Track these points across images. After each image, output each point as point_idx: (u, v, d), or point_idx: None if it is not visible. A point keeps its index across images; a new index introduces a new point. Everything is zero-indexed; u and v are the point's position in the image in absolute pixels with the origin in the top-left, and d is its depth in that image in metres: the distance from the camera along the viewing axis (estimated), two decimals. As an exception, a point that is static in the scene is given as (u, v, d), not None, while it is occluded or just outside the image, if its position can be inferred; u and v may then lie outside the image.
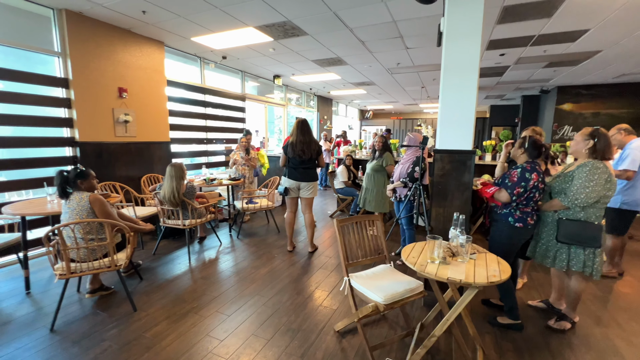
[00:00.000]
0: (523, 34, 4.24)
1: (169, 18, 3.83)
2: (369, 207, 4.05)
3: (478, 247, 1.96)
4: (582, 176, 1.99)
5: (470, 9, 2.21)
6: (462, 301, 1.63)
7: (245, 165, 4.92)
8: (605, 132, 2.06)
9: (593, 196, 1.97)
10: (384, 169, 4.01)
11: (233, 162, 4.95)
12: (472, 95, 2.27)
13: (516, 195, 2.04)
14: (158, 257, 3.56)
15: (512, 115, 11.18)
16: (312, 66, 6.29)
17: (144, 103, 4.52)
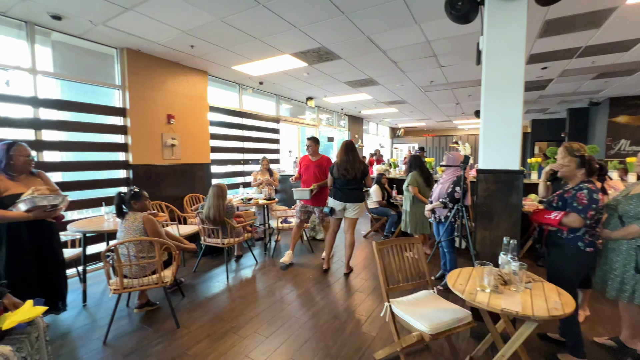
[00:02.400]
0: (568, 46, 4.04)
1: (213, 50, 4.17)
2: (409, 229, 3.94)
3: (533, 275, 1.81)
4: None
5: (511, 25, 2.17)
6: (520, 335, 1.50)
7: (270, 186, 5.13)
8: None
9: None
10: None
11: (259, 182, 5.17)
12: (517, 113, 2.18)
13: (589, 218, 1.87)
14: (198, 274, 3.69)
15: (557, 129, 10.46)
16: (344, 87, 6.43)
17: (188, 128, 4.87)
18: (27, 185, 2.20)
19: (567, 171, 2.02)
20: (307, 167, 3.93)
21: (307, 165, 3.94)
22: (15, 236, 2.14)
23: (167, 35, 3.64)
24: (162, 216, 3.50)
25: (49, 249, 2.32)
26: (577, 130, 9.03)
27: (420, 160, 4.05)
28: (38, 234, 2.24)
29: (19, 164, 2.20)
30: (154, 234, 2.51)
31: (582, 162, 1.97)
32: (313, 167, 3.86)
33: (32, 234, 2.20)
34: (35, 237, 2.22)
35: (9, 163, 2.17)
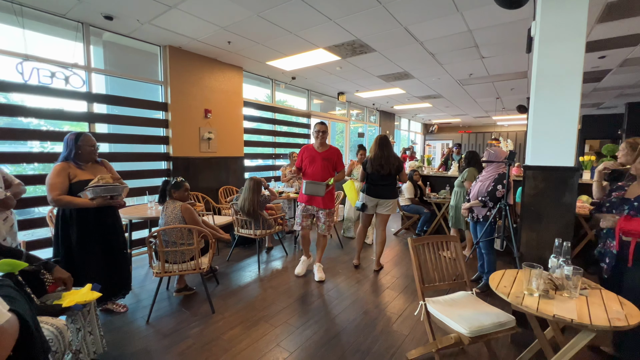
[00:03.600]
0: (632, 32, 3.62)
1: (249, 46, 4.25)
2: (463, 225, 3.82)
3: (589, 282, 1.66)
4: None
5: (570, 8, 1.98)
6: (574, 345, 1.38)
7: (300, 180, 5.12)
8: None
9: None
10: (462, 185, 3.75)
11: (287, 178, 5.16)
12: (574, 105, 1.99)
13: None
14: (231, 263, 3.82)
15: (611, 126, 9.50)
16: (376, 81, 6.29)
17: (224, 122, 5.03)
18: (93, 173, 2.38)
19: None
20: (312, 159, 3.27)
21: (312, 157, 3.28)
22: (83, 218, 2.33)
23: (206, 31, 3.77)
24: (198, 206, 3.65)
25: (112, 231, 2.50)
26: (636, 127, 8.13)
27: (478, 156, 3.86)
28: (102, 218, 2.41)
29: (86, 153, 2.37)
30: (191, 222, 2.63)
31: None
32: (320, 160, 3.24)
33: (98, 217, 2.39)
34: (100, 220, 2.40)
35: (77, 152, 2.34)
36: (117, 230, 2.54)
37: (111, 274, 2.45)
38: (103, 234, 2.41)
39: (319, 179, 3.22)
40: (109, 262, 2.45)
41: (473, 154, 3.81)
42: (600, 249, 1.93)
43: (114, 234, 2.49)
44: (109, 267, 2.45)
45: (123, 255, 2.58)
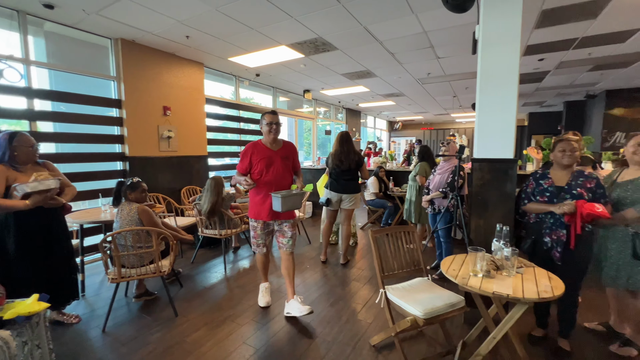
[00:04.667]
0: (564, 37, 4.04)
1: (209, 41, 4.13)
2: (414, 219, 3.96)
3: (525, 261, 1.85)
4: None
5: (507, 14, 2.17)
6: (511, 318, 1.53)
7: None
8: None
9: None
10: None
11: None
12: (512, 102, 2.19)
13: None
14: (196, 265, 3.72)
15: (553, 122, 10.49)
16: (341, 80, 6.40)
17: (185, 120, 4.84)
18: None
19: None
20: (268, 160, 2.48)
21: (267, 157, 2.48)
22: (22, 223, 2.12)
23: (161, 25, 3.60)
24: (159, 207, 3.50)
25: (56, 237, 2.30)
26: (573, 123, 9.07)
27: (430, 151, 4.06)
28: (44, 223, 2.22)
29: (23, 154, 2.15)
30: (150, 225, 2.52)
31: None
32: (280, 160, 2.52)
33: (39, 222, 2.19)
34: (42, 226, 2.21)
35: (12, 154, 2.12)
36: (61, 236, 2.36)
37: (55, 283, 2.28)
38: (46, 241, 2.24)
39: (284, 186, 2.56)
40: (53, 270, 2.28)
41: (425, 148, 4.03)
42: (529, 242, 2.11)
43: (57, 240, 2.31)
44: (53, 276, 2.27)
45: (68, 263, 2.41)
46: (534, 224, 2.10)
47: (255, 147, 2.53)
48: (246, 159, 2.51)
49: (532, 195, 2.11)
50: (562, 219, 1.93)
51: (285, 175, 2.58)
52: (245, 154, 2.52)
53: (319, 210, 3.89)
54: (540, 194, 2.06)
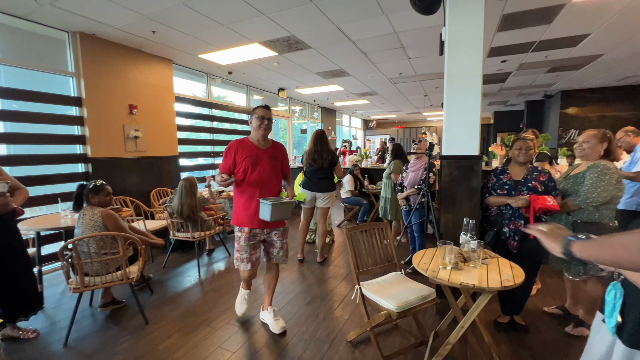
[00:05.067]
0: (524, 40, 4.29)
1: (178, 37, 3.97)
2: (390, 216, 4.02)
3: (489, 252, 1.95)
4: (594, 177, 1.99)
5: (470, 17, 2.27)
6: (477, 306, 1.61)
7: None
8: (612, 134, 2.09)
9: (604, 195, 1.97)
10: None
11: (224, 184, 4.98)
12: (476, 101, 2.30)
13: None
14: (168, 270, 3.58)
15: (517, 120, 11.15)
16: (315, 78, 6.41)
17: (153, 119, 4.64)
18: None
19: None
20: (255, 159, 2.22)
21: (253, 156, 2.22)
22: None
23: (124, 18, 3.41)
24: (126, 211, 3.33)
25: (7, 246, 2.12)
26: (533, 121, 9.68)
27: (402, 149, 4.15)
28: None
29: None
30: (116, 230, 2.40)
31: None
32: (268, 161, 2.26)
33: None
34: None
35: None
36: (13, 245, 2.18)
37: (11, 295, 2.11)
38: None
39: (272, 191, 2.26)
40: (7, 282, 2.10)
41: (398, 146, 4.14)
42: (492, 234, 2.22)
43: (7, 250, 2.14)
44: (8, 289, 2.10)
45: (24, 273, 2.23)
46: (495, 217, 2.23)
47: (241, 144, 2.26)
48: (229, 157, 2.22)
49: (492, 189, 2.25)
50: (520, 210, 2.08)
51: (273, 179, 2.28)
52: (228, 152, 2.24)
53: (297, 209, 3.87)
54: (500, 188, 2.20)
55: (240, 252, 2.23)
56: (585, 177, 2.05)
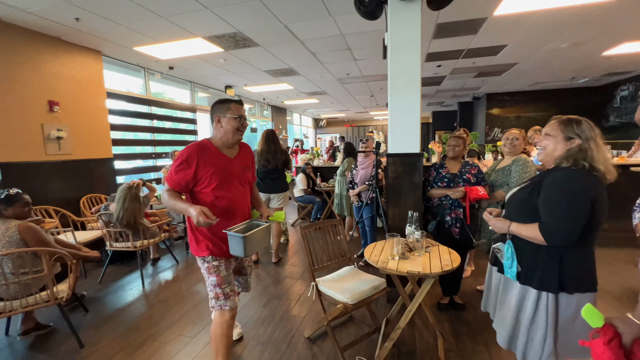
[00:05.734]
0: (455, 47, 4.75)
1: (107, 26, 3.58)
2: (346, 212, 4.12)
3: (431, 241, 2.14)
4: (519, 169, 2.32)
5: (409, 25, 2.45)
6: (422, 291, 1.76)
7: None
8: None
9: None
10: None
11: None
12: (416, 102, 2.49)
13: None
14: (105, 285, 3.24)
15: (452, 120, 12.31)
16: (264, 76, 6.30)
17: (80, 117, 4.12)
18: None
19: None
20: (223, 172, 1.66)
21: (222, 168, 1.66)
22: None
23: (38, 1, 2.97)
24: (49, 223, 2.92)
25: None
26: (465, 120, 10.77)
27: (354, 147, 4.28)
28: None
29: None
30: (37, 244, 2.10)
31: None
32: (240, 174, 1.76)
33: None
34: None
35: None
36: None
37: None
38: None
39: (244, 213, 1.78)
40: None
41: (350, 145, 4.30)
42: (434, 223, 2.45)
43: None
44: None
45: None
46: (436, 207, 2.46)
47: (203, 151, 1.63)
48: (189, 170, 1.58)
49: (434, 182, 2.48)
50: (458, 200, 2.33)
51: (247, 196, 1.82)
52: (187, 162, 1.58)
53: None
54: (440, 181, 2.45)
55: (222, 286, 1.64)
56: (511, 170, 2.37)
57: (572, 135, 1.25)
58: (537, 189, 1.29)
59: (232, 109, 1.66)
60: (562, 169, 1.25)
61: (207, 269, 1.66)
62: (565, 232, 1.18)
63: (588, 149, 1.22)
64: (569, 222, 1.18)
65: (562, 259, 1.25)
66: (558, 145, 1.27)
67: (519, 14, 3.53)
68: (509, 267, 1.35)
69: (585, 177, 1.20)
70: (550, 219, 1.22)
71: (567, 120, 1.28)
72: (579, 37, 4.34)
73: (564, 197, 1.20)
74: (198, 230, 1.66)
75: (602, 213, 1.20)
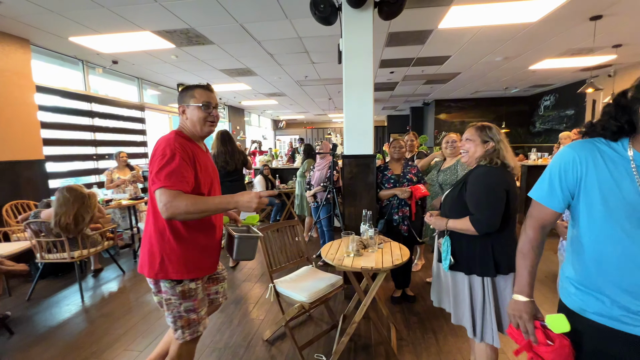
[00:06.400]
0: (405, 56, 5.06)
1: (37, 12, 3.21)
2: (306, 212, 4.14)
3: (384, 238, 2.26)
4: (465, 167, 2.53)
5: (361, 32, 2.57)
6: (375, 285, 1.86)
7: (135, 183, 4.48)
8: None
9: None
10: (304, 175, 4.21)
11: (118, 182, 4.36)
12: (369, 106, 2.62)
13: None
14: (36, 302, 2.88)
15: (405, 123, 13.04)
16: (220, 76, 6.10)
17: (2, 113, 3.62)
18: None
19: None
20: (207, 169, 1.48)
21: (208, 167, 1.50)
22: None
23: (-53, -21, 2.57)
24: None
25: None
26: (417, 124, 11.49)
27: (313, 149, 4.32)
28: None
29: None
30: (-52, 258, 1.81)
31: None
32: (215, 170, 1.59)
33: None
34: None
35: None
36: None
37: None
38: None
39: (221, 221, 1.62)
40: None
41: (309, 147, 4.36)
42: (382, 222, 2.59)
43: None
44: None
45: None
46: (384, 207, 2.60)
47: (188, 147, 1.37)
48: (191, 167, 1.33)
49: (381, 184, 2.62)
50: (404, 199, 2.49)
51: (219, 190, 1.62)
52: (186, 154, 1.32)
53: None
54: (387, 182, 2.60)
55: (199, 309, 1.42)
56: (457, 169, 2.59)
57: (486, 138, 1.49)
58: (464, 187, 1.47)
59: (195, 97, 1.40)
60: (481, 167, 1.49)
61: (181, 293, 1.35)
62: (489, 219, 1.39)
63: (500, 149, 1.47)
64: (490, 210, 1.39)
65: (493, 246, 1.44)
66: (477, 147, 1.49)
67: (460, 28, 3.88)
68: (444, 259, 1.51)
69: (499, 172, 1.44)
70: (476, 210, 1.42)
71: (482, 126, 1.52)
72: (509, 51, 4.89)
73: (484, 189, 1.42)
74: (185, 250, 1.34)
75: (514, 201, 1.44)
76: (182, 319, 1.37)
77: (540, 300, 2.66)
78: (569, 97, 7.48)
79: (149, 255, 1.34)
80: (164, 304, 1.38)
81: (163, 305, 1.40)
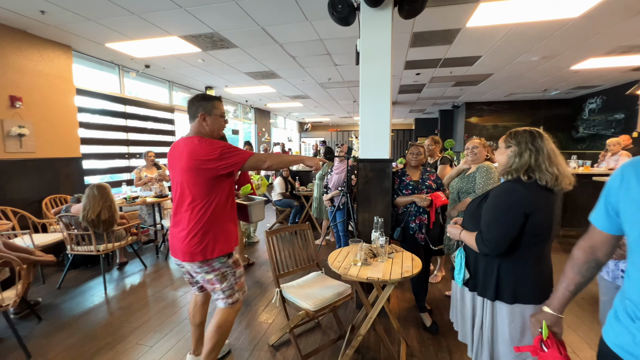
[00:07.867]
0: (432, 57, 4.85)
1: (76, 20, 3.45)
2: (324, 215, 4.08)
3: (396, 247, 2.15)
4: (483, 175, 2.36)
5: (380, 32, 2.47)
6: (382, 298, 1.76)
7: (161, 182, 4.65)
8: None
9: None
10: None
11: (146, 180, 4.56)
12: (386, 109, 2.52)
13: None
14: (65, 290, 3.07)
15: (433, 127, 12.58)
16: (245, 78, 6.24)
17: (45, 114, 3.94)
18: None
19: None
20: None
21: None
22: None
23: (0, -8, 2.83)
24: (3, 225, 2.75)
25: None
26: (446, 127, 11.04)
27: (333, 152, 4.28)
28: None
29: None
30: (-18, 247, 1.97)
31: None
32: None
33: None
34: None
35: None
36: None
37: None
38: None
39: None
40: None
41: (329, 149, 4.30)
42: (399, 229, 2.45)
43: None
44: None
45: None
46: (401, 215, 2.47)
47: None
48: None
49: (398, 190, 2.48)
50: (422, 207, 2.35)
51: None
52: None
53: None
54: (405, 188, 2.46)
55: (243, 274, 1.79)
56: (475, 177, 2.42)
57: (509, 144, 1.31)
58: (484, 200, 1.32)
59: (216, 107, 1.70)
60: (506, 183, 1.31)
61: (234, 263, 1.71)
62: (492, 241, 1.24)
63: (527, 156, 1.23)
64: (497, 232, 1.23)
65: (500, 270, 1.28)
66: (501, 157, 1.33)
67: (491, 26, 3.65)
68: (457, 274, 1.38)
69: (524, 191, 1.21)
70: (484, 228, 1.28)
71: (508, 133, 1.35)
72: (547, 51, 4.52)
73: (498, 209, 1.26)
74: (225, 230, 1.65)
75: (542, 225, 1.21)
76: (237, 283, 1.73)
77: (575, 324, 2.40)
78: (618, 100, 6.81)
79: (201, 240, 1.57)
80: (218, 279, 1.64)
81: (215, 282, 1.65)
